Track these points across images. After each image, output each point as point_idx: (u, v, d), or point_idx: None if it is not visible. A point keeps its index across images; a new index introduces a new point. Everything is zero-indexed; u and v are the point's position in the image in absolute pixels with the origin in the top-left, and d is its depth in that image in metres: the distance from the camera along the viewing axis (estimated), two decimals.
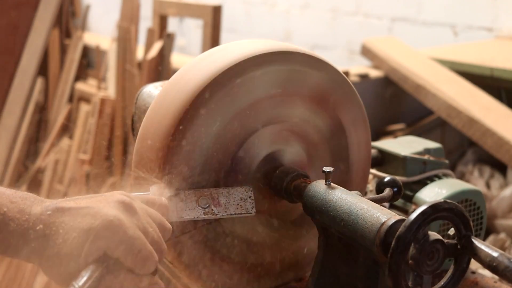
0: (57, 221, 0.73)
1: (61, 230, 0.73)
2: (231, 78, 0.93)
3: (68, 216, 0.73)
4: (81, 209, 0.74)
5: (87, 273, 0.70)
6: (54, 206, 0.74)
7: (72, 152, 3.55)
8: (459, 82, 2.44)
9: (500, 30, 3.19)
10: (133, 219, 0.75)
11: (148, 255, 0.74)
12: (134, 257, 0.73)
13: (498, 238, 2.10)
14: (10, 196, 0.75)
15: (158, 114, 0.94)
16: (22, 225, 0.73)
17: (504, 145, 2.06)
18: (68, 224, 0.73)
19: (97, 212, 0.73)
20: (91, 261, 0.72)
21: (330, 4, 3.99)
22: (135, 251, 0.73)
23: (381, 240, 0.81)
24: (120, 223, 0.73)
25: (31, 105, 3.85)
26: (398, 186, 0.96)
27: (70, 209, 0.74)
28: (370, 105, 2.45)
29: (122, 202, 0.76)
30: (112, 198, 0.76)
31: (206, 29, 2.79)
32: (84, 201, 0.76)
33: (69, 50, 3.90)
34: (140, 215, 0.76)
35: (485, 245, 0.78)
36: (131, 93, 3.09)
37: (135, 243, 0.73)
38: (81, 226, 0.72)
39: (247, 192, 0.95)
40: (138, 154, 0.96)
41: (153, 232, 0.77)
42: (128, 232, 0.73)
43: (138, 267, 0.74)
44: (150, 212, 0.79)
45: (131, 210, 0.76)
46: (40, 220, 0.73)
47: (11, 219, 0.73)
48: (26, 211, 0.74)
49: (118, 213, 0.74)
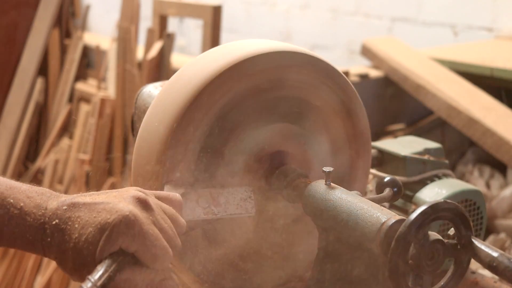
0: (73, 216, 0.74)
1: (76, 225, 0.73)
2: (231, 78, 0.93)
3: (84, 211, 0.74)
4: (97, 204, 0.75)
5: (103, 268, 0.71)
6: (70, 201, 0.76)
7: (72, 152, 3.55)
8: (459, 82, 2.43)
9: (500, 30, 3.18)
10: (148, 215, 0.76)
11: (163, 250, 0.75)
12: (148, 252, 0.74)
13: (498, 238, 2.10)
14: (27, 191, 0.76)
15: (158, 114, 0.94)
16: (38, 220, 0.74)
17: (504, 145, 2.06)
18: (84, 219, 0.73)
19: (113, 207, 0.74)
20: (106, 256, 0.72)
21: (330, 4, 3.99)
22: (150, 246, 0.74)
23: (381, 240, 0.81)
24: (136, 218, 0.73)
25: (31, 105, 3.85)
26: (398, 186, 0.96)
27: (86, 204, 0.75)
28: (370, 105, 2.45)
29: (138, 198, 0.76)
30: (128, 194, 0.77)
31: (206, 29, 2.79)
32: (100, 197, 0.77)
33: (69, 50, 3.90)
34: (155, 210, 0.77)
35: (485, 245, 0.78)
36: (131, 93, 3.09)
37: (150, 238, 0.74)
38: (97, 221, 0.73)
39: (247, 192, 0.95)
40: (137, 153, 0.96)
41: (167, 227, 0.77)
42: (143, 227, 0.73)
43: (152, 261, 0.74)
44: (165, 208, 0.80)
45: (146, 205, 0.76)
46: (56, 215, 0.74)
47: (27, 214, 0.74)
48: (42, 206, 0.75)
49: (133, 209, 0.74)
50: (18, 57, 3.88)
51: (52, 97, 3.90)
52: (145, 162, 0.94)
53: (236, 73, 0.93)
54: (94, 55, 3.73)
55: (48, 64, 3.92)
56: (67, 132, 3.73)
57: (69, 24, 4.05)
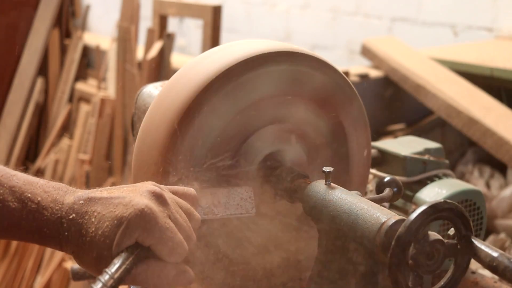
0: (90, 210, 0.75)
1: (93, 219, 0.74)
2: (231, 78, 0.93)
3: (101, 205, 0.75)
4: (113, 198, 0.75)
5: (119, 261, 0.71)
6: (86, 195, 0.76)
7: (72, 152, 3.55)
8: (459, 82, 2.43)
9: (500, 30, 3.18)
10: (164, 209, 0.76)
11: (178, 244, 0.75)
12: (164, 246, 0.74)
13: (498, 238, 2.10)
14: (44, 186, 0.77)
15: (158, 114, 0.94)
16: (55, 214, 0.75)
17: (504, 145, 2.06)
18: (101, 213, 0.74)
19: (129, 202, 0.74)
20: (123, 249, 0.73)
21: (330, 4, 3.99)
22: (166, 239, 0.74)
23: (381, 240, 0.81)
24: (152, 212, 0.74)
25: (31, 105, 3.85)
26: (398, 186, 0.96)
27: (102, 199, 0.76)
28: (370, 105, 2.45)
29: (153, 192, 0.77)
30: (144, 188, 0.78)
31: (206, 29, 2.79)
32: (116, 191, 0.77)
33: (69, 50, 3.90)
34: (170, 205, 0.78)
35: (485, 245, 0.78)
36: (131, 93, 3.09)
37: (166, 232, 0.74)
38: (113, 215, 0.74)
39: (247, 192, 0.95)
40: (138, 154, 0.97)
41: (183, 221, 0.78)
42: (159, 221, 0.74)
43: (168, 255, 0.75)
44: (180, 202, 0.81)
45: (162, 200, 0.77)
46: (73, 210, 0.75)
47: (45, 208, 0.75)
48: (59, 201, 0.76)
49: (149, 203, 0.75)
50: (18, 57, 3.88)
51: (52, 97, 3.90)
52: (145, 162, 0.94)
53: (236, 73, 0.93)
54: (94, 55, 3.73)
55: (48, 64, 3.93)
56: (67, 132, 3.73)
57: (69, 24, 4.05)
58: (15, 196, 0.75)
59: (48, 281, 3.10)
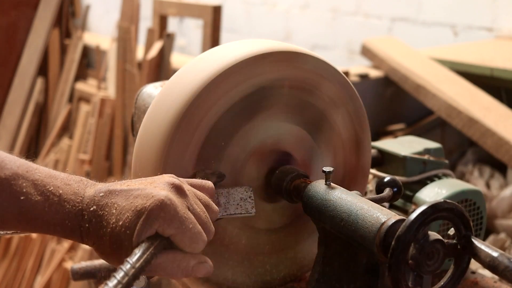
0: (110, 202, 0.76)
1: (114, 211, 0.75)
2: (230, 78, 0.93)
3: (121, 197, 0.76)
4: (133, 190, 0.76)
5: (140, 251, 0.72)
6: (106, 188, 0.77)
7: (72, 152, 3.55)
8: (459, 82, 2.43)
9: (500, 30, 3.18)
10: (183, 200, 0.77)
11: (198, 235, 0.76)
12: (184, 236, 0.75)
13: (498, 238, 2.10)
14: (65, 179, 0.78)
15: (158, 114, 0.94)
16: (76, 207, 0.76)
17: (504, 145, 2.06)
18: (121, 205, 0.75)
19: (149, 193, 0.75)
20: (143, 240, 0.73)
21: (330, 4, 3.99)
22: (185, 230, 0.75)
23: (381, 240, 0.81)
24: (172, 203, 0.75)
25: (31, 105, 3.85)
26: (398, 186, 0.96)
27: (122, 191, 0.76)
28: (370, 105, 2.45)
29: (173, 184, 0.78)
30: (163, 180, 0.79)
31: (206, 29, 2.79)
32: (135, 183, 0.78)
33: (69, 50, 3.90)
34: (189, 196, 0.79)
35: (485, 245, 0.78)
36: (131, 93, 3.09)
37: (186, 222, 0.75)
38: (133, 206, 0.74)
39: (247, 192, 0.95)
40: (138, 154, 0.97)
41: (201, 212, 0.79)
42: (178, 212, 0.75)
43: (188, 245, 0.76)
44: (198, 194, 0.82)
45: (181, 191, 0.78)
46: (94, 202, 0.76)
47: (66, 201, 0.76)
48: (80, 193, 0.77)
49: (169, 194, 0.76)
50: (18, 57, 3.88)
51: (52, 97, 3.90)
52: (145, 162, 0.94)
53: (236, 73, 0.93)
54: (94, 55, 3.73)
55: (48, 64, 3.93)
56: (67, 132, 3.73)
57: (69, 24, 4.05)
58: (38, 189, 0.75)
59: (48, 281, 3.10)
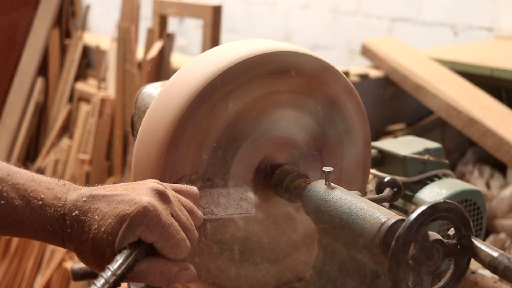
0: (93, 207, 0.75)
1: (96, 216, 0.74)
2: (230, 78, 0.93)
3: (103, 202, 0.75)
4: (116, 196, 0.76)
5: (122, 257, 0.72)
6: (89, 193, 0.77)
7: (72, 152, 3.55)
8: (459, 82, 2.43)
9: (500, 30, 3.18)
10: (167, 206, 0.77)
11: (181, 241, 0.76)
12: (167, 243, 0.75)
13: (498, 238, 2.10)
14: (47, 183, 0.78)
15: (158, 114, 0.94)
16: (58, 211, 0.76)
17: (504, 145, 2.06)
18: (104, 210, 0.74)
19: (132, 199, 0.75)
20: (125, 246, 0.73)
21: (330, 4, 3.99)
22: (168, 237, 0.74)
23: (381, 240, 0.81)
24: (155, 210, 0.74)
25: (31, 105, 3.85)
26: (398, 186, 0.96)
27: (105, 196, 0.76)
28: (370, 105, 2.45)
29: (156, 190, 0.77)
30: (146, 186, 0.78)
31: (206, 29, 2.79)
32: (119, 188, 0.77)
33: (69, 50, 3.89)
34: (173, 202, 0.78)
35: (485, 245, 0.78)
36: (131, 93, 3.09)
37: (169, 229, 0.75)
38: (116, 212, 0.74)
39: (246, 192, 0.95)
40: (138, 154, 0.97)
41: (185, 219, 0.78)
42: (162, 218, 0.74)
43: (171, 252, 0.75)
44: (182, 200, 0.81)
45: (164, 197, 0.77)
46: (76, 206, 0.76)
47: (48, 205, 0.76)
48: (62, 198, 0.77)
49: (152, 200, 0.75)
50: (18, 57, 3.88)
51: (52, 97, 3.90)
52: (145, 162, 0.94)
53: (236, 73, 0.93)
54: (94, 55, 3.73)
55: (48, 64, 3.92)
56: (67, 132, 3.73)
57: (69, 24, 4.05)
58: (19, 193, 0.75)
59: (48, 281, 3.10)
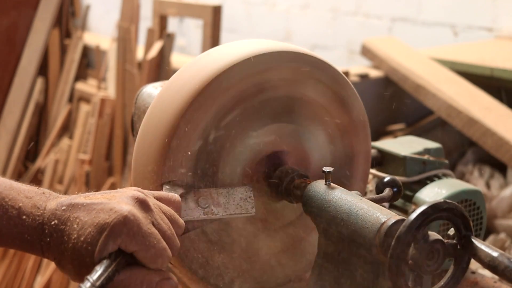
0: (72, 216, 0.74)
1: (75, 225, 0.73)
2: (230, 78, 0.93)
3: (83, 211, 0.74)
4: (96, 204, 0.74)
5: (101, 268, 0.71)
6: (68, 201, 0.75)
7: (72, 152, 3.55)
8: (459, 82, 2.43)
9: (500, 30, 3.18)
10: (147, 215, 0.76)
11: (162, 251, 0.75)
12: (148, 252, 0.74)
13: (498, 238, 2.10)
14: (26, 192, 0.77)
15: (158, 114, 0.94)
16: (36, 220, 0.74)
17: (504, 145, 2.06)
18: (83, 220, 0.73)
19: (112, 208, 0.73)
20: (105, 256, 0.72)
21: (330, 4, 3.99)
22: (149, 246, 0.73)
23: (381, 240, 0.81)
24: (135, 219, 0.73)
25: (31, 105, 3.84)
26: (398, 186, 0.96)
27: (85, 205, 0.74)
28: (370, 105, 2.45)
29: (137, 198, 0.76)
30: (127, 194, 0.77)
31: (206, 29, 2.79)
32: (99, 197, 0.76)
33: (69, 50, 3.89)
34: (154, 211, 0.77)
35: (485, 245, 0.78)
36: (131, 93, 3.09)
37: (149, 238, 0.74)
38: (96, 221, 0.73)
39: (247, 192, 0.95)
40: (137, 153, 0.97)
41: (166, 228, 0.77)
42: (142, 227, 0.73)
43: (152, 262, 0.74)
44: (164, 208, 0.80)
45: (145, 206, 0.76)
46: (55, 215, 0.74)
47: (26, 214, 0.74)
48: (41, 206, 0.75)
49: (132, 209, 0.74)
50: (18, 57, 3.88)
51: (52, 97, 3.90)
52: (145, 162, 0.94)
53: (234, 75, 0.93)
54: (94, 55, 3.73)
55: (48, 64, 3.92)
56: (67, 132, 3.73)
57: (69, 24, 4.05)
58: None
59: (48, 281, 3.10)
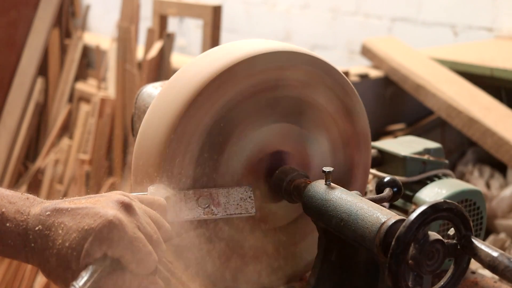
0: (56, 222, 0.73)
1: (60, 231, 0.72)
2: (230, 78, 0.93)
3: (68, 216, 0.73)
4: (81, 209, 0.73)
5: (87, 274, 0.70)
6: (53, 207, 0.74)
7: (72, 152, 3.55)
8: (459, 82, 2.44)
9: (500, 30, 3.18)
10: (133, 219, 0.75)
11: (148, 255, 0.74)
12: (134, 257, 0.73)
13: (498, 238, 2.10)
14: (9, 197, 0.76)
15: (158, 114, 0.94)
16: (20, 226, 0.73)
17: (504, 145, 2.06)
18: (68, 225, 0.72)
19: (97, 212, 0.72)
20: (91, 262, 0.71)
21: (330, 4, 3.99)
22: (134, 251, 0.72)
23: (381, 240, 0.81)
24: (120, 223, 0.72)
25: (31, 105, 3.84)
26: (398, 186, 0.96)
27: (69, 210, 0.73)
28: (370, 105, 2.45)
29: (122, 202, 0.75)
30: (111, 198, 0.76)
31: (206, 29, 2.79)
32: (83, 202, 0.75)
33: (69, 50, 3.89)
34: (139, 215, 0.76)
35: (485, 245, 0.78)
36: (131, 93, 3.09)
37: (135, 243, 0.73)
38: (80, 226, 0.72)
39: (247, 192, 0.95)
40: (137, 154, 0.96)
41: (152, 232, 0.76)
42: (127, 232, 0.72)
43: (137, 267, 0.73)
44: (149, 212, 0.79)
45: (130, 210, 0.75)
46: (39, 221, 0.73)
47: (9, 220, 0.73)
48: (24, 212, 0.74)
49: (117, 213, 0.73)
50: (18, 57, 3.88)
51: (52, 97, 3.90)
52: (144, 162, 0.94)
53: (236, 73, 0.93)
54: (94, 55, 3.73)
55: (48, 64, 3.92)
56: (67, 132, 3.73)
57: (69, 24, 4.05)
58: None
59: (48, 281, 3.10)
